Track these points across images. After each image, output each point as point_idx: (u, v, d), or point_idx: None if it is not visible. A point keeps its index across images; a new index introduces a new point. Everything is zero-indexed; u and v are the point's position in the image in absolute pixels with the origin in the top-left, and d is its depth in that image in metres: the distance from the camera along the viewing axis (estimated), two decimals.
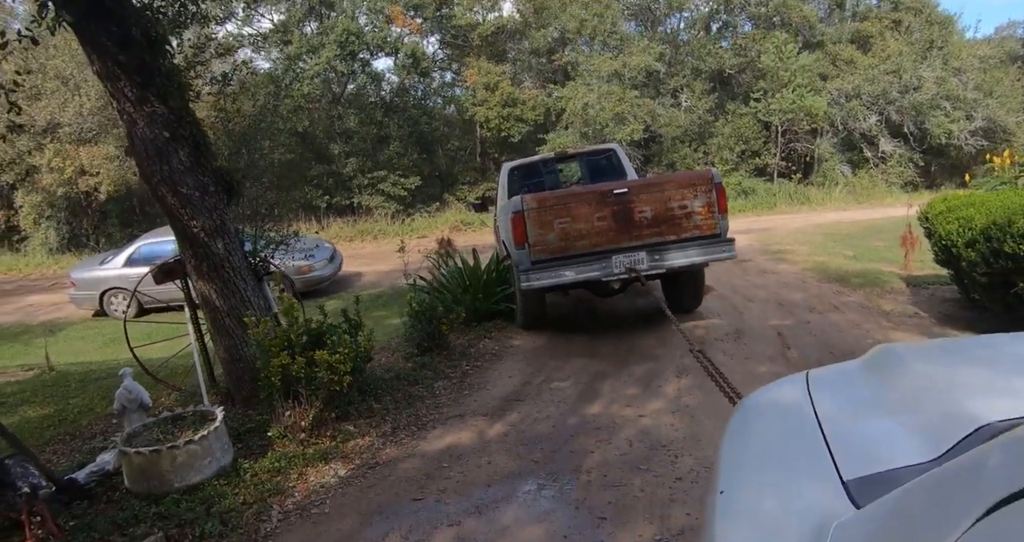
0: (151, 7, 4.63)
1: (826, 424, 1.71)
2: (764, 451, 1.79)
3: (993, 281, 5.92)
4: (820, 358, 5.89)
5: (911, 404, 1.73)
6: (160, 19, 4.73)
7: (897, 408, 1.74)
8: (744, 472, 1.72)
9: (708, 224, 6.62)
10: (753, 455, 1.79)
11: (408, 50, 23.72)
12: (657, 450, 4.27)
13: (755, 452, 1.80)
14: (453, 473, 4.22)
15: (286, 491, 4.10)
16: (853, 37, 25.40)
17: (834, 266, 10.43)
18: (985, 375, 1.85)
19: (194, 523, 3.72)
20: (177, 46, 5.10)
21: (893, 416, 1.70)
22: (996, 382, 1.78)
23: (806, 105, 21.95)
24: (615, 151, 9.81)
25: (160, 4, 4.73)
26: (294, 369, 4.65)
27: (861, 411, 1.80)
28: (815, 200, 21.87)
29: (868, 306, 7.70)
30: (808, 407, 1.85)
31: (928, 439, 1.54)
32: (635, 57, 22.51)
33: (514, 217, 6.61)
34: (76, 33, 4.51)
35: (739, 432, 1.94)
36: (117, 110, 4.78)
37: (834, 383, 2.04)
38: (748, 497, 1.61)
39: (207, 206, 5.09)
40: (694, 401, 5.09)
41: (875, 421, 1.72)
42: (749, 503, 1.59)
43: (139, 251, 13.02)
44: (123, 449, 4.11)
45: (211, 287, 5.33)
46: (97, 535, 3.73)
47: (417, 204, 23.67)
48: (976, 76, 23.74)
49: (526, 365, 6.48)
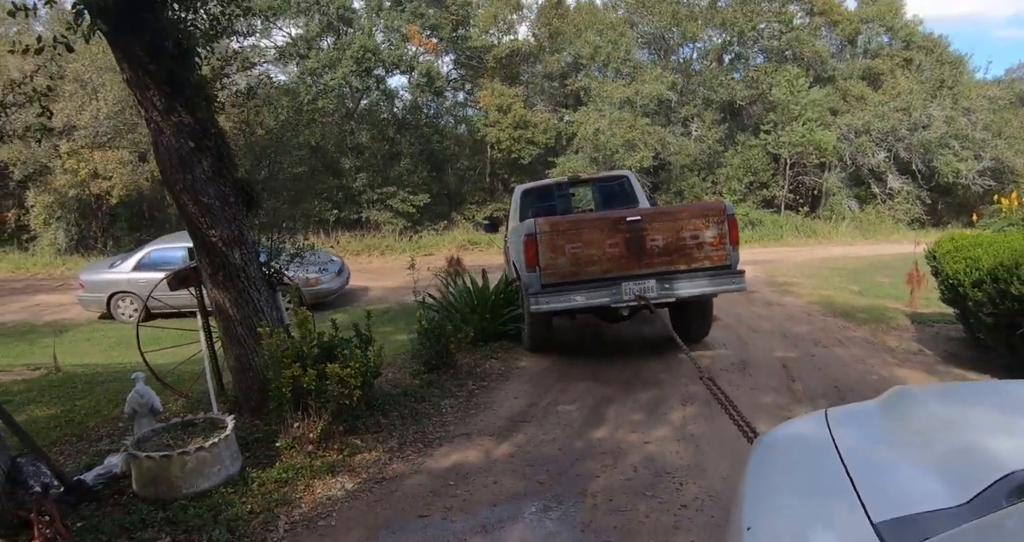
0: (184, 20, 4.73)
1: (850, 464, 1.72)
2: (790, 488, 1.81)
3: (999, 322, 5.96)
4: (825, 392, 5.93)
5: (934, 446, 1.75)
6: (192, 32, 4.83)
7: (920, 450, 1.76)
8: (771, 509, 1.74)
9: (719, 255, 6.65)
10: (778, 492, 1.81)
11: (423, 69, 23.99)
12: (662, 477, 4.30)
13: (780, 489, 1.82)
14: (459, 491, 4.25)
15: (293, 502, 4.13)
16: (864, 74, 25.66)
17: (840, 301, 10.48)
18: (1005, 420, 1.87)
19: (201, 530, 3.75)
20: (204, 58, 5.19)
21: (917, 458, 1.72)
22: (1017, 427, 1.80)
23: (815, 139, 22.14)
24: (628, 178, 9.85)
25: (193, 18, 4.83)
26: (305, 381, 4.70)
27: (884, 452, 1.81)
28: (822, 233, 21.97)
29: (873, 342, 7.74)
30: (831, 446, 1.86)
31: (954, 482, 1.55)
32: (647, 85, 22.74)
33: (526, 240, 6.64)
34: (109, 42, 4.61)
35: (762, 468, 1.96)
36: (144, 119, 4.87)
37: (854, 423, 2.05)
38: (777, 534, 1.62)
39: (227, 216, 5.16)
40: (699, 430, 5.12)
41: (899, 462, 1.73)
42: (779, 540, 1.61)
43: (149, 256, 13.11)
44: (133, 453, 4.15)
45: (225, 296, 5.38)
46: (104, 538, 3.76)
47: (425, 221, 23.83)
48: (985, 116, 23.95)
49: (532, 387, 6.51)
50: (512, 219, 9.60)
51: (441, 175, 25.46)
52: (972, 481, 1.52)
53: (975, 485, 1.50)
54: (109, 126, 20.04)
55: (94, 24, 4.38)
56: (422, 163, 24.27)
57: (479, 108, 26.01)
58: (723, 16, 24.83)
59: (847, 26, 25.98)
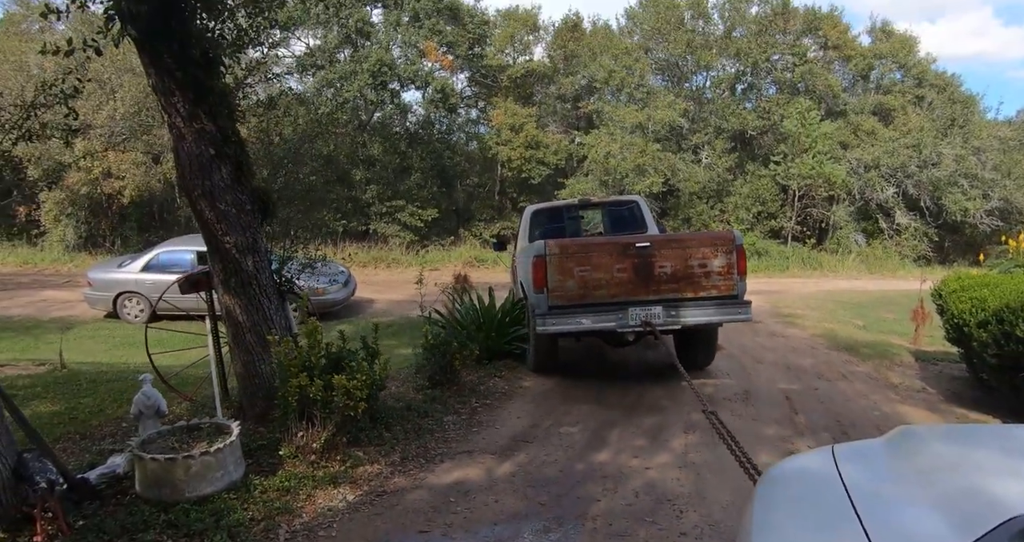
0: (212, 30, 4.82)
1: (857, 500, 1.76)
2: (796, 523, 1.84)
3: (1003, 363, 5.97)
4: (827, 425, 5.94)
5: (939, 486, 1.78)
6: (219, 41, 4.91)
7: (925, 489, 1.79)
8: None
9: (726, 285, 6.68)
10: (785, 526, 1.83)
11: (438, 85, 24.15)
12: (663, 503, 4.31)
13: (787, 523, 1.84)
14: (460, 508, 4.26)
15: (294, 511, 4.15)
16: (876, 109, 25.76)
17: (844, 334, 10.49)
18: (1010, 464, 1.90)
19: (203, 534, 3.77)
20: (228, 67, 5.27)
21: (922, 497, 1.75)
22: (1022, 471, 1.84)
23: (825, 172, 22.22)
24: (638, 203, 9.90)
25: (220, 28, 4.91)
26: (312, 391, 4.73)
27: (890, 489, 1.84)
28: (827, 266, 21.98)
29: (876, 377, 7.75)
30: (838, 482, 1.89)
31: (958, 523, 1.58)
32: (660, 111, 22.88)
33: (535, 261, 6.69)
34: (137, 47, 4.69)
35: (769, 501, 1.98)
36: (167, 124, 4.94)
37: (861, 460, 2.08)
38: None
39: (242, 223, 5.22)
40: (701, 458, 5.13)
41: (905, 500, 1.76)
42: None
43: (158, 258, 13.19)
44: (138, 454, 4.17)
45: (236, 302, 5.43)
46: (106, 537, 3.78)
47: (432, 236, 23.92)
48: (995, 157, 23.99)
49: (535, 407, 6.53)
50: (521, 239, 9.65)
51: (450, 191, 25.58)
52: (976, 522, 1.55)
53: (979, 526, 1.53)
54: (125, 127, 20.23)
55: (124, 30, 4.47)
56: (432, 178, 24.40)
57: (491, 126, 26.16)
58: (737, 46, 25.02)
59: (860, 61, 26.12)
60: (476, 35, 25.87)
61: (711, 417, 3.63)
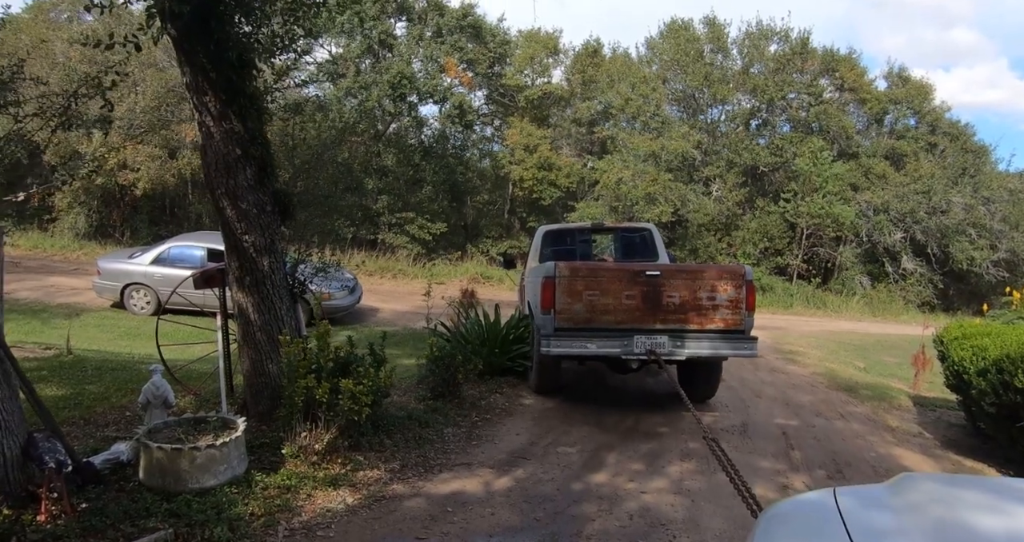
0: (248, 34, 4.95)
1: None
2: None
3: (1001, 413, 6.01)
4: (823, 463, 5.98)
5: (942, 536, 1.78)
6: (254, 45, 5.04)
7: (927, 538, 1.79)
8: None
9: (734, 319, 6.66)
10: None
11: (456, 101, 24.38)
12: (656, 528, 4.36)
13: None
14: (457, 518, 4.31)
15: (294, 509, 4.20)
16: (888, 153, 25.95)
17: (844, 375, 10.54)
18: (1013, 518, 1.91)
19: (204, 525, 3.82)
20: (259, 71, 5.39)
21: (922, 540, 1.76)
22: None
23: (834, 213, 22.35)
24: (651, 231, 9.93)
25: (256, 32, 5.04)
26: (318, 393, 4.80)
27: (892, 535, 1.84)
28: (831, 306, 22.03)
29: (874, 419, 7.79)
30: (839, 524, 1.89)
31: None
32: (673, 142, 23.07)
33: (544, 281, 6.66)
34: (175, 45, 4.83)
35: (770, 539, 1.98)
36: (197, 122, 5.06)
37: (862, 503, 2.08)
38: None
39: (261, 223, 5.32)
40: (696, 486, 5.17)
41: None
42: None
43: (168, 252, 13.31)
44: (145, 442, 4.24)
45: (249, 300, 5.51)
46: (108, 521, 3.82)
47: (439, 250, 24.03)
48: (1004, 208, 24.08)
49: (534, 425, 6.58)
50: (532, 258, 9.69)
51: (460, 206, 25.76)
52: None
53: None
54: (144, 120, 20.43)
55: (164, 28, 4.60)
56: (444, 192, 24.57)
57: (505, 145, 26.37)
58: (754, 82, 25.25)
59: (875, 105, 26.34)
60: (497, 54, 26.16)
61: (712, 444, 3.68)
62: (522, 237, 25.54)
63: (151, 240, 19.00)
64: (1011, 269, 23.77)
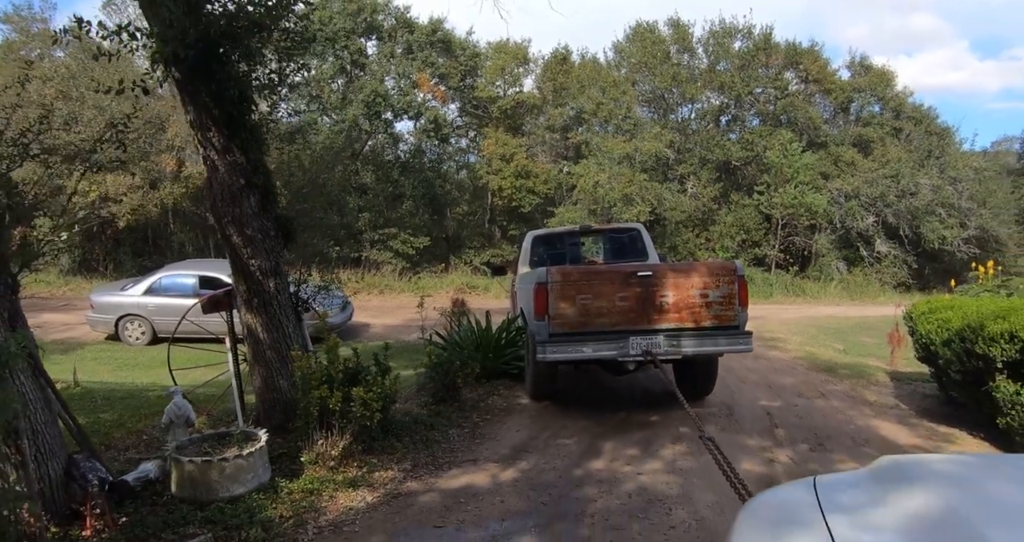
0: (247, 73, 5.31)
1: (837, 534, 1.79)
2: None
3: (966, 379, 6.44)
4: (805, 438, 6.38)
5: (921, 519, 1.81)
6: (253, 82, 5.40)
7: (907, 521, 1.81)
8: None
9: (727, 315, 6.70)
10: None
11: (431, 116, 24.75)
12: (654, 503, 4.73)
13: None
14: (470, 507, 4.67)
15: (319, 510, 4.55)
16: (855, 140, 26.58)
17: (824, 357, 10.98)
18: (993, 495, 1.92)
19: (239, 528, 4.16)
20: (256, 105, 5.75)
21: (904, 530, 1.77)
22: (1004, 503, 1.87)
23: (807, 202, 22.91)
24: (639, 231, 10.07)
25: (255, 70, 5.41)
26: (332, 402, 5.15)
27: (871, 523, 1.85)
28: (810, 293, 22.56)
29: (853, 395, 8.22)
30: (818, 515, 1.91)
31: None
32: (647, 143, 23.58)
33: (537, 288, 6.68)
34: (178, 87, 5.19)
35: (748, 536, 2.00)
36: (202, 156, 5.42)
37: (842, 491, 2.09)
38: None
39: (266, 248, 5.67)
40: (687, 465, 5.56)
41: (886, 534, 1.77)
42: None
43: (160, 282, 13.56)
44: (176, 457, 4.56)
45: (258, 321, 5.85)
46: (150, 530, 4.16)
47: (423, 263, 24.35)
48: (971, 186, 24.75)
49: (532, 422, 6.94)
50: (521, 264, 9.84)
51: (442, 219, 26.10)
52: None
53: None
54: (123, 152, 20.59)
55: (168, 71, 4.95)
56: (424, 206, 24.91)
57: (482, 155, 26.78)
58: (721, 80, 25.83)
59: (840, 94, 26.98)
60: (467, 67, 26.56)
61: (708, 443, 3.83)
62: (504, 246, 25.95)
63: (136, 272, 19.18)
64: (982, 245, 24.44)
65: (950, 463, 2.43)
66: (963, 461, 2.59)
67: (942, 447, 6.21)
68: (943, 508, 1.83)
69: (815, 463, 5.64)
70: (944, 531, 1.71)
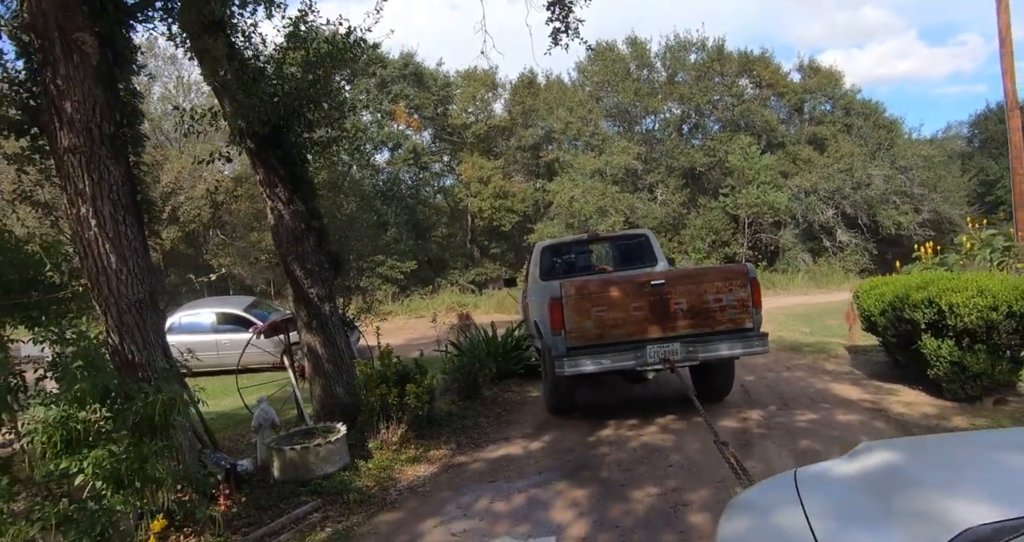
0: (307, 139, 6.60)
1: (816, 525, 1.89)
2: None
3: (900, 342, 7.82)
4: (773, 400, 7.71)
5: (896, 504, 1.89)
6: (311, 145, 6.70)
7: (884, 507, 1.89)
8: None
9: (742, 318, 6.78)
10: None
11: (410, 146, 26.04)
12: (654, 453, 6.04)
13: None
14: (512, 468, 5.95)
15: (395, 479, 5.81)
16: (810, 139, 28.27)
17: (791, 339, 12.37)
18: (961, 475, 2.02)
19: (340, 494, 5.40)
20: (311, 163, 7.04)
21: (881, 516, 1.86)
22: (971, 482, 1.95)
23: (769, 200, 24.47)
24: (647, 237, 10.16)
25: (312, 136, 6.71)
26: (391, 398, 6.40)
27: (849, 512, 1.94)
28: (779, 285, 24.03)
29: (814, 367, 9.58)
30: (798, 507, 2.01)
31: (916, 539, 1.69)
32: (615, 156, 25.08)
33: (552, 303, 6.72)
34: (249, 153, 6.45)
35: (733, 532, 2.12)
36: (269, 207, 6.68)
37: (821, 483, 2.20)
38: None
39: (322, 278, 6.93)
40: (678, 426, 6.87)
41: (863, 522, 1.86)
42: None
43: (179, 322, 14.61)
44: (279, 447, 5.79)
45: (317, 339, 7.10)
46: (270, 502, 5.37)
47: (411, 286, 25.49)
48: (921, 173, 26.47)
49: (545, 410, 8.21)
50: (532, 275, 10.01)
51: (425, 243, 27.29)
52: (933, 537, 1.64)
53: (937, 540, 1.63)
54: None
55: (243, 142, 6.21)
56: (408, 232, 26.09)
57: (460, 180, 28.11)
58: (680, 91, 27.46)
59: (792, 97, 28.70)
60: (440, 96, 27.96)
61: (722, 448, 4.01)
62: (487, 264, 27.25)
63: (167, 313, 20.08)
64: (936, 228, 26.10)
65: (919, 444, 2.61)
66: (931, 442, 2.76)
67: (885, 398, 7.52)
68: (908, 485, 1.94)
69: (781, 417, 6.95)
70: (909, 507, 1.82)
